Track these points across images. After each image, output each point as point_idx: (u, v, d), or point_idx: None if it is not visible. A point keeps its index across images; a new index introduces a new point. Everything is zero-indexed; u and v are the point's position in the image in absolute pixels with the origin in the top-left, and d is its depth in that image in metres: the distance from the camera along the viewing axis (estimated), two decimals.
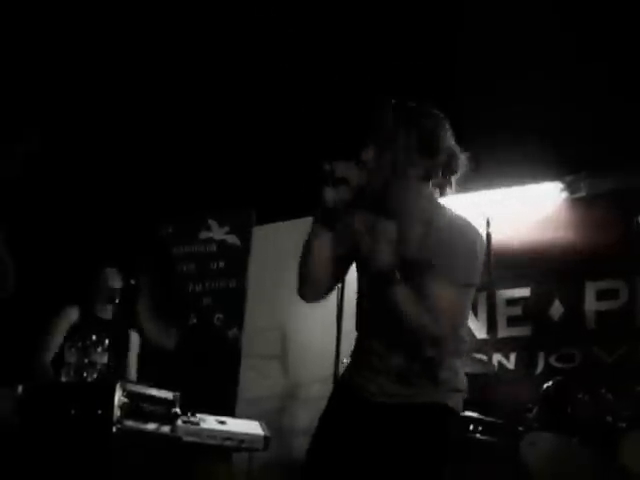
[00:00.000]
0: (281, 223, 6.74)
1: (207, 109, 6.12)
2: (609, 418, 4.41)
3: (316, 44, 5.36)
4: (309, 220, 6.70)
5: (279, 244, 6.71)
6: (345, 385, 2.79)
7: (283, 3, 5.30)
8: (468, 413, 4.55)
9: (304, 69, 5.54)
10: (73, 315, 5.27)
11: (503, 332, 5.62)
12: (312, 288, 2.78)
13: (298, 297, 2.81)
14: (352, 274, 2.81)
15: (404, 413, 2.60)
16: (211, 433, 4.79)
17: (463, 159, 2.68)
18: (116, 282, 5.40)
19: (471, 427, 4.62)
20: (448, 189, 2.71)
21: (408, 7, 5.13)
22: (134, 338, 5.45)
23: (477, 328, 5.58)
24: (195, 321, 6.88)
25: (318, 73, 5.51)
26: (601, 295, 5.37)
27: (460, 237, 2.57)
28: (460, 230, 2.60)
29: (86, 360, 4.82)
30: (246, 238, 6.95)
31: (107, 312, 5.41)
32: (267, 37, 5.45)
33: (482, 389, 4.86)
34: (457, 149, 2.68)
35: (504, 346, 5.57)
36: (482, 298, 5.57)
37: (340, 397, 2.78)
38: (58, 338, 5.17)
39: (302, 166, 6.02)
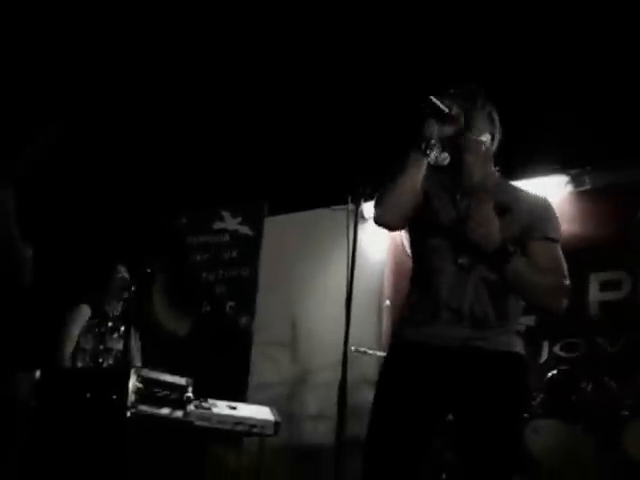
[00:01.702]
0: (292, 214, 6.70)
1: (222, 105, 6.06)
2: (612, 406, 4.36)
3: (329, 37, 5.28)
4: (318, 212, 6.68)
5: (290, 235, 6.68)
6: (405, 343, 2.72)
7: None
8: None
9: (314, 65, 5.46)
10: (86, 313, 5.16)
11: None
12: (394, 208, 2.75)
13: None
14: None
15: (481, 360, 2.58)
16: (222, 418, 4.75)
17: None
18: (126, 281, 5.30)
19: None
20: None
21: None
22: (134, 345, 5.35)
23: None
24: (208, 309, 6.84)
25: (328, 69, 5.43)
26: (604, 286, 5.29)
27: (539, 200, 2.76)
28: (535, 195, 2.79)
29: (102, 346, 4.78)
30: (258, 229, 6.91)
31: (116, 309, 5.28)
32: (278, 32, 5.37)
33: None
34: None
35: None
36: None
37: (402, 354, 2.72)
38: (75, 331, 5.08)
39: (312, 160, 6.04)
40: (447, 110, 2.63)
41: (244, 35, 5.45)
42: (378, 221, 2.79)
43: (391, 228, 2.92)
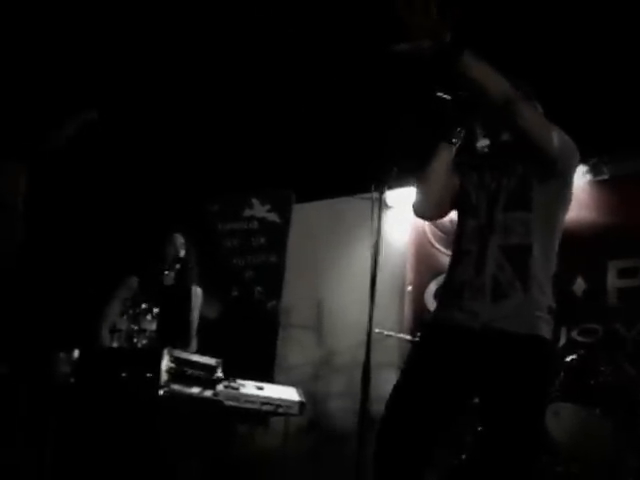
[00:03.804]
0: (318, 202, 6.67)
1: (252, 96, 6.02)
2: (630, 391, 4.29)
3: (356, 25, 5.20)
4: (343, 200, 6.65)
5: (316, 222, 6.65)
6: (432, 324, 2.69)
7: None
8: None
9: (339, 53, 5.39)
10: (132, 285, 5.14)
11: None
12: (427, 198, 2.77)
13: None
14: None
15: (503, 344, 2.50)
16: (250, 398, 4.74)
17: None
18: (181, 248, 5.25)
19: None
20: None
21: None
22: (197, 292, 5.30)
23: None
24: (237, 293, 6.83)
25: (353, 57, 5.36)
26: (622, 273, 5.18)
27: None
28: None
29: (136, 327, 4.77)
30: (286, 216, 6.88)
31: (169, 278, 5.21)
32: (304, 21, 5.30)
33: None
34: None
35: None
36: None
37: (430, 335, 2.69)
38: (116, 307, 5.06)
39: (338, 150, 6.00)
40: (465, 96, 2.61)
41: (269, 24, 5.39)
42: (415, 213, 2.80)
43: (427, 218, 2.92)
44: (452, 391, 2.54)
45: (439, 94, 2.63)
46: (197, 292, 5.27)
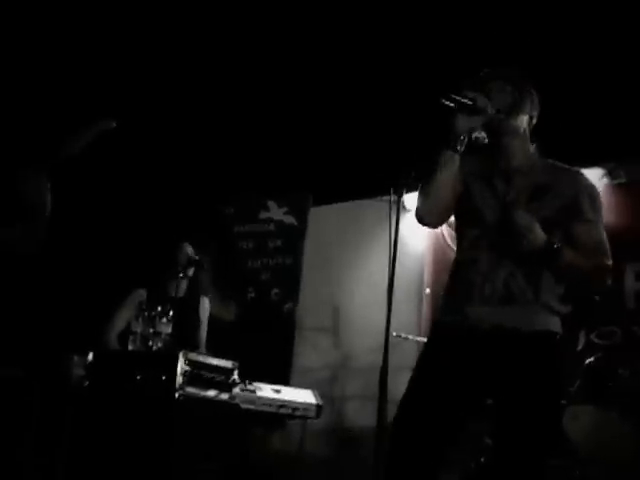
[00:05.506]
0: (335, 205, 6.65)
1: (269, 98, 6.01)
2: None
3: (369, 27, 5.18)
4: (361, 203, 6.62)
5: (333, 224, 6.64)
6: (441, 327, 2.70)
7: None
8: None
9: (356, 55, 5.36)
10: (141, 296, 5.11)
11: None
12: (433, 208, 2.74)
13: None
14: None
15: (509, 342, 2.52)
16: (267, 401, 4.72)
17: None
18: (191, 256, 5.21)
19: None
20: None
21: None
22: (205, 304, 5.27)
23: None
24: (253, 295, 6.81)
25: (370, 59, 5.34)
26: None
27: (580, 180, 2.76)
28: (576, 174, 2.78)
29: (151, 330, 4.76)
30: (302, 218, 6.87)
31: (180, 289, 5.16)
32: (319, 25, 5.28)
33: None
34: None
35: None
36: None
37: (438, 337, 2.70)
38: (125, 315, 5.04)
39: (356, 152, 5.98)
40: (470, 103, 2.57)
41: (286, 26, 5.37)
42: (420, 222, 2.79)
43: (433, 226, 2.91)
44: (464, 391, 2.56)
45: (444, 101, 2.60)
46: (205, 304, 5.24)
